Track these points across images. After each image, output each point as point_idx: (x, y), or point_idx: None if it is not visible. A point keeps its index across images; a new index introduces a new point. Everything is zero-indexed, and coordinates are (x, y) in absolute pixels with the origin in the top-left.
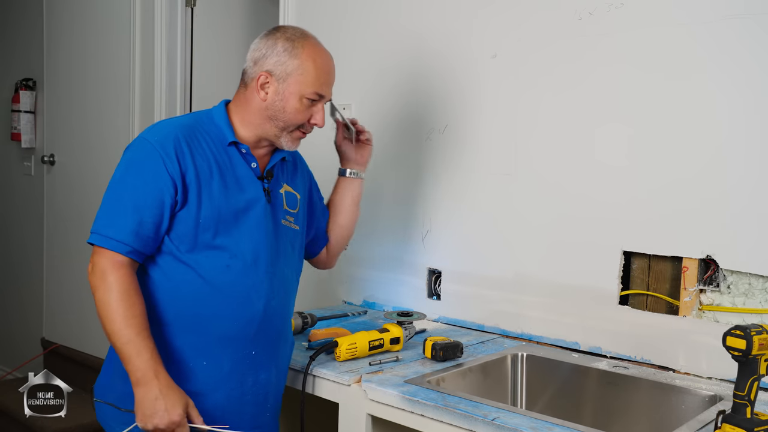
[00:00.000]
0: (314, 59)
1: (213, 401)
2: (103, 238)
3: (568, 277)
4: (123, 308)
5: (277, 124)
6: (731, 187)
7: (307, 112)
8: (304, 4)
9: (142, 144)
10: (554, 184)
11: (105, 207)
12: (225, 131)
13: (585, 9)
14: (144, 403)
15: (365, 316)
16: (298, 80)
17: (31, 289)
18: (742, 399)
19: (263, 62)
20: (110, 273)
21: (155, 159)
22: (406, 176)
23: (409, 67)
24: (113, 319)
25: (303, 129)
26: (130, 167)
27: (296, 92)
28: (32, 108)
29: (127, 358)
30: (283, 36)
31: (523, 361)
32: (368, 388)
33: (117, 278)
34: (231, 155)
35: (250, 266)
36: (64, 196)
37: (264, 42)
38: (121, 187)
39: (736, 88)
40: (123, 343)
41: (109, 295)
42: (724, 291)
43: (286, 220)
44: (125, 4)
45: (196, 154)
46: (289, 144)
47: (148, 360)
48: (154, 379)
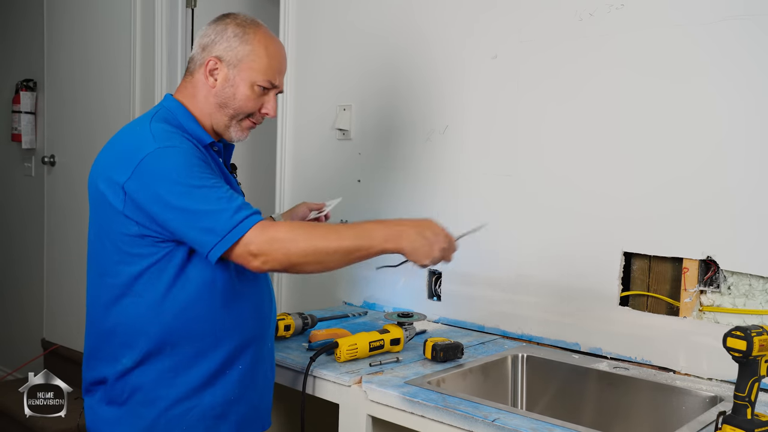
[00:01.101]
0: (266, 46)
1: (244, 400)
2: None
3: (568, 278)
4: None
5: (227, 112)
6: (731, 188)
7: (258, 101)
8: (304, 4)
9: (172, 152)
10: (554, 185)
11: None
12: (198, 132)
13: (585, 10)
14: (419, 246)
15: (365, 317)
16: (250, 66)
17: (32, 289)
18: (742, 400)
19: (212, 48)
20: (277, 232)
21: (194, 159)
22: (407, 177)
23: (409, 67)
24: (329, 240)
25: (253, 118)
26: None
27: (247, 79)
28: (33, 109)
29: (371, 243)
30: (233, 22)
31: (523, 362)
32: (368, 389)
33: (286, 228)
34: (211, 154)
35: None
36: (65, 197)
37: (213, 28)
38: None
39: (736, 88)
40: (354, 240)
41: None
42: (725, 292)
43: None
44: (126, 5)
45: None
46: (238, 134)
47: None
48: (402, 226)
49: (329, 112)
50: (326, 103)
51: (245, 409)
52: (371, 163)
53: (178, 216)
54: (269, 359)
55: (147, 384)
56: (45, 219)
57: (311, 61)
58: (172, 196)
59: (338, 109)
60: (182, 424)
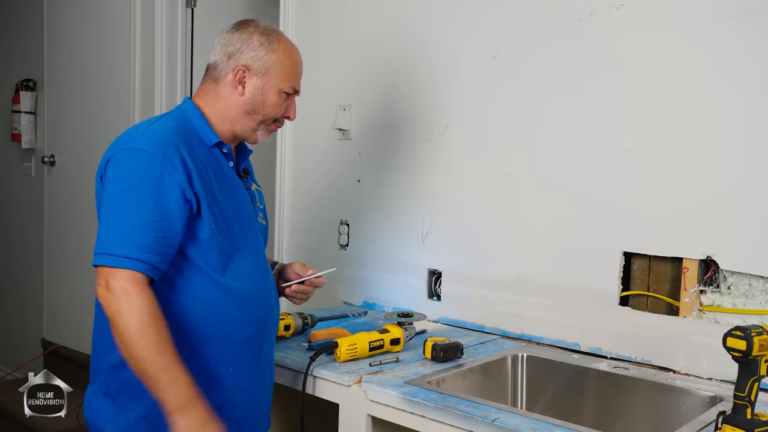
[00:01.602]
0: (290, 54)
1: (238, 403)
2: (115, 258)
3: (568, 277)
4: (153, 333)
5: (256, 118)
6: (731, 188)
7: (283, 106)
8: (303, 4)
9: (140, 155)
10: (555, 184)
11: (109, 225)
12: (207, 132)
13: (585, 10)
14: (189, 430)
15: (365, 316)
16: (277, 74)
17: (32, 289)
18: (742, 400)
19: (238, 57)
20: (134, 294)
21: (159, 170)
22: (407, 177)
23: (409, 67)
24: (145, 346)
25: (278, 122)
26: (131, 179)
27: (275, 86)
28: (32, 109)
29: (163, 385)
30: (257, 30)
31: (523, 361)
32: (368, 388)
33: (143, 299)
34: (216, 156)
35: (256, 266)
36: (65, 197)
37: (237, 36)
38: (124, 202)
39: (736, 89)
40: (156, 370)
41: (136, 319)
42: (725, 292)
43: (260, 218)
44: (126, 4)
45: (195, 159)
46: (264, 137)
47: (188, 387)
48: (197, 406)
49: (329, 112)
50: (326, 102)
51: (240, 413)
52: (371, 162)
53: (103, 211)
54: (267, 364)
55: (136, 378)
56: (45, 219)
57: (311, 61)
58: (112, 193)
59: (338, 108)
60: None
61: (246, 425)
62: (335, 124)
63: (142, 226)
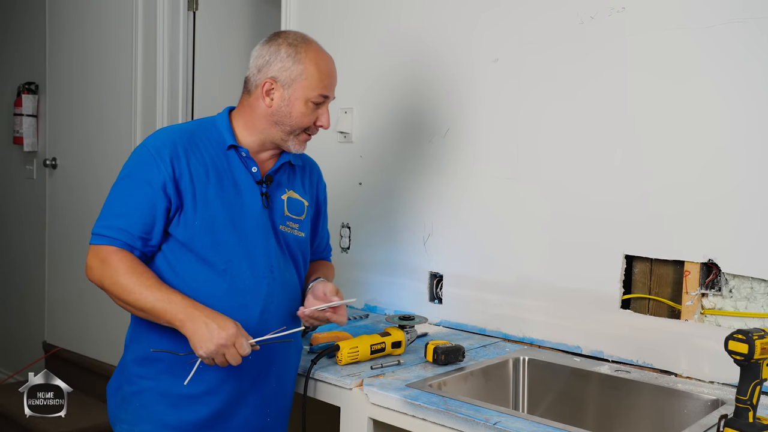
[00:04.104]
0: (317, 63)
1: (210, 404)
2: (97, 237)
3: (569, 280)
4: (135, 277)
5: (284, 128)
6: (733, 191)
7: (312, 115)
8: (305, 7)
9: (140, 150)
10: (556, 188)
11: (102, 209)
12: (225, 135)
13: (586, 13)
14: (197, 333)
15: (366, 319)
16: (303, 85)
17: (33, 292)
18: (744, 403)
19: (267, 69)
20: (109, 258)
21: (149, 164)
22: (408, 180)
23: (411, 70)
24: (131, 290)
25: (309, 131)
26: (126, 171)
27: (301, 97)
28: (34, 112)
29: (161, 311)
30: (285, 42)
31: (524, 365)
32: (370, 391)
33: (119, 258)
34: (230, 159)
35: (246, 270)
36: (66, 200)
37: (267, 49)
38: (115, 191)
39: (738, 91)
40: (151, 302)
41: (116, 273)
42: (726, 295)
43: (286, 226)
44: (127, 8)
45: (192, 159)
46: (296, 146)
47: (182, 301)
48: (196, 311)
49: (331, 115)
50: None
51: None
52: (373, 166)
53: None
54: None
55: (129, 361)
56: (46, 222)
57: None
58: (116, 179)
59: (339, 112)
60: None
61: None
62: (337, 127)
63: (123, 212)
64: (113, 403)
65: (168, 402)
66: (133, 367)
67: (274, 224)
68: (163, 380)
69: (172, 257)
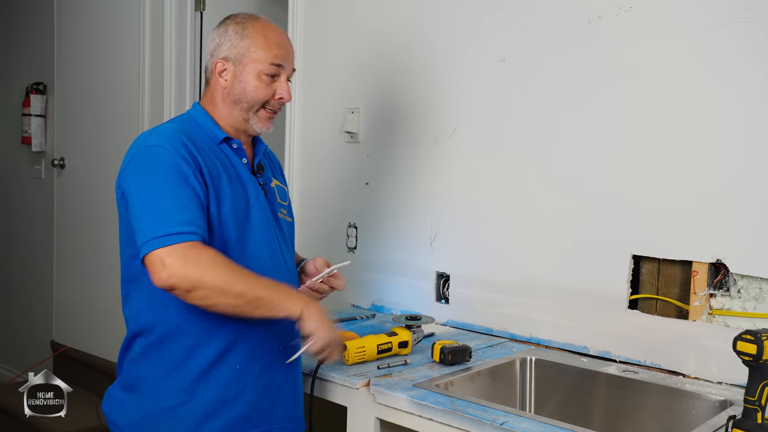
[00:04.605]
0: (264, 35)
1: (247, 401)
2: (165, 237)
3: (577, 281)
4: (238, 268)
5: (242, 106)
6: (741, 191)
7: (269, 89)
8: (311, 7)
9: (155, 151)
10: (563, 187)
11: (147, 217)
12: (214, 129)
13: (594, 12)
14: (321, 316)
15: (373, 319)
16: (252, 58)
17: (41, 291)
18: (752, 404)
19: (218, 51)
20: (200, 254)
21: (176, 160)
22: (415, 180)
23: (418, 70)
24: (239, 282)
25: (270, 107)
26: (155, 174)
27: (252, 70)
28: (43, 112)
29: (279, 300)
30: (233, 21)
31: (531, 365)
32: (376, 391)
33: (212, 252)
34: (226, 153)
35: (268, 261)
36: (74, 200)
37: (216, 32)
38: (155, 191)
39: (749, 91)
40: (267, 291)
41: (217, 269)
42: (735, 295)
43: (281, 213)
44: (135, 8)
45: (203, 155)
46: (259, 125)
47: (295, 292)
48: (311, 302)
49: (337, 115)
50: (334, 105)
51: (242, 408)
52: (379, 166)
53: (134, 208)
54: (277, 360)
55: (150, 374)
56: (54, 221)
57: (319, 64)
58: (138, 189)
59: (346, 111)
60: (173, 417)
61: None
62: (343, 127)
63: (181, 208)
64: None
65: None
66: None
67: (275, 213)
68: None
69: None
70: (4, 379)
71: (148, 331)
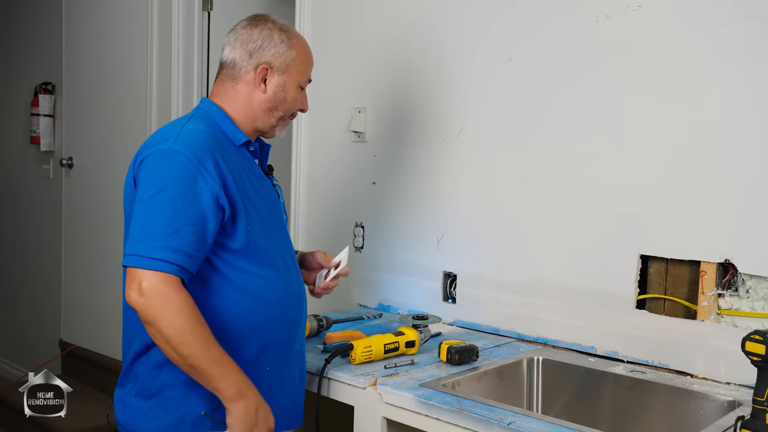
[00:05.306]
0: (305, 49)
1: (278, 403)
2: (148, 260)
3: (584, 280)
4: (198, 329)
5: (277, 114)
6: (750, 191)
7: (301, 100)
8: (318, 6)
9: (175, 157)
10: (570, 187)
11: (142, 226)
12: (235, 132)
13: (601, 11)
14: (247, 416)
15: (380, 319)
16: (297, 70)
17: (49, 290)
18: (761, 405)
19: (260, 54)
20: (172, 296)
21: (193, 174)
22: (422, 179)
23: (425, 69)
24: (193, 343)
25: (293, 116)
26: (166, 182)
27: (295, 82)
28: (51, 111)
29: (217, 377)
30: (275, 26)
31: (539, 365)
32: (383, 391)
33: (182, 298)
34: (245, 155)
35: (290, 264)
36: (82, 199)
37: (257, 33)
38: (158, 205)
39: (760, 90)
40: (207, 364)
41: (180, 318)
42: (743, 295)
43: (285, 214)
44: (143, 8)
45: (229, 163)
46: (281, 132)
47: (239, 375)
48: (250, 391)
49: (344, 115)
50: (341, 105)
51: (275, 410)
52: (386, 165)
53: (137, 211)
54: (298, 361)
55: (176, 380)
56: (63, 221)
57: (326, 64)
58: (147, 192)
59: (353, 111)
60: (208, 422)
61: (279, 422)
62: (350, 126)
63: (175, 230)
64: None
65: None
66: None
67: (284, 214)
68: None
69: (228, 269)
70: (13, 377)
71: None
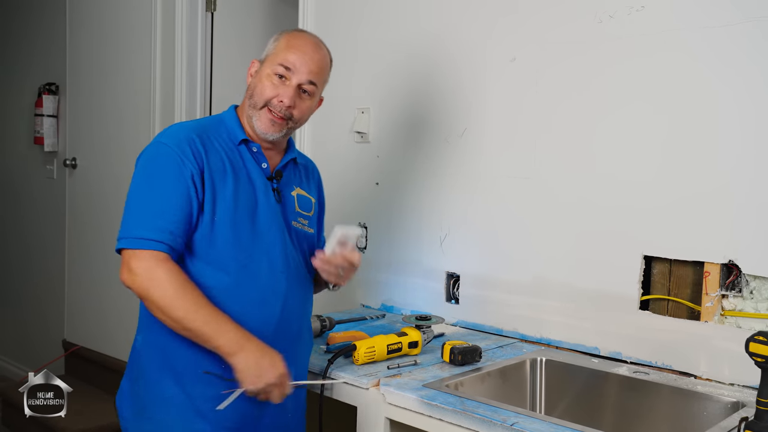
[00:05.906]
0: (289, 39)
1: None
2: (137, 240)
3: (588, 281)
4: (186, 293)
5: (251, 102)
6: (754, 192)
7: (275, 89)
8: (322, 7)
9: (158, 147)
10: (573, 188)
11: (131, 211)
12: (236, 131)
13: (605, 12)
14: (250, 367)
15: (383, 319)
16: (272, 59)
17: (53, 291)
18: (765, 406)
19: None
20: (157, 268)
21: (175, 160)
22: (425, 179)
23: (427, 70)
24: (180, 307)
25: (271, 107)
26: (151, 170)
27: (266, 69)
28: (55, 112)
29: (212, 335)
30: (287, 30)
31: (542, 365)
32: (386, 391)
33: (167, 270)
34: (242, 154)
35: (266, 266)
36: (86, 200)
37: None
38: (145, 190)
39: (765, 90)
40: (201, 324)
41: (166, 287)
42: (747, 296)
43: (298, 222)
44: (146, 9)
45: (210, 153)
46: (260, 126)
47: (235, 330)
48: (249, 342)
49: (347, 115)
50: (344, 105)
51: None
52: (389, 165)
53: (128, 197)
54: None
55: (148, 366)
56: (66, 221)
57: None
58: (134, 182)
59: (356, 111)
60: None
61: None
62: (353, 127)
63: (162, 211)
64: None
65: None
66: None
67: (287, 220)
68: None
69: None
70: (17, 377)
71: (147, 326)
